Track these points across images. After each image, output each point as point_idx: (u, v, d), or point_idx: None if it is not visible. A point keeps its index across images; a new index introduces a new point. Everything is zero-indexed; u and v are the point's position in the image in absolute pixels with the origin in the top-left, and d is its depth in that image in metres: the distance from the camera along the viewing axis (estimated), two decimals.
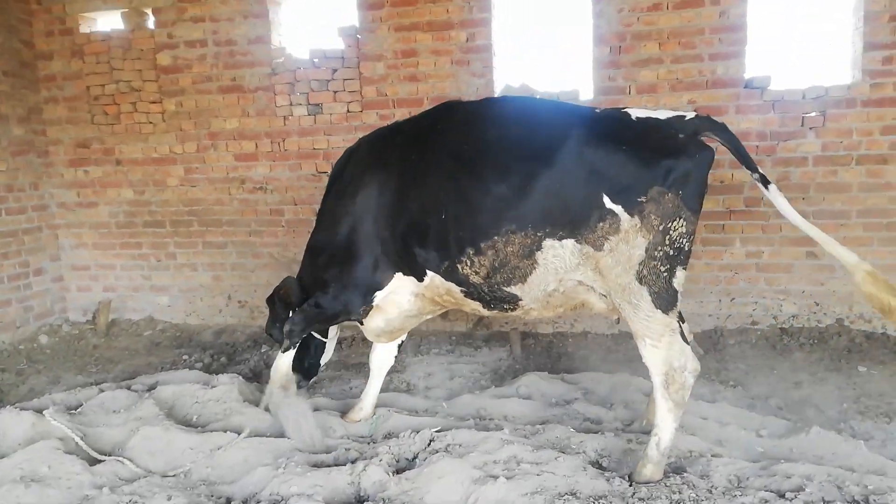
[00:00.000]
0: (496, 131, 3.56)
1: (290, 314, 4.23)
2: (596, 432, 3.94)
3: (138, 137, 6.74)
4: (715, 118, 3.35)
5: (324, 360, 4.71)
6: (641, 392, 4.59)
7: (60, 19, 6.72)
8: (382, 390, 4.51)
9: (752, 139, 5.57)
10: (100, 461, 3.65)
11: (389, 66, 6.12)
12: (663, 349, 3.26)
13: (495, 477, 3.25)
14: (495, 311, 3.80)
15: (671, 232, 3.16)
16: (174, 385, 4.61)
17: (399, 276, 3.92)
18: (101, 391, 4.64)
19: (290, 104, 6.34)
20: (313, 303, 4.09)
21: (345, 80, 6.22)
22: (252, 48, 6.37)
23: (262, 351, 6.11)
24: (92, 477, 3.50)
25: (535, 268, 3.46)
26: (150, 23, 6.59)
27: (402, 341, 4.53)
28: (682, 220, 3.16)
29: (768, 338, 5.78)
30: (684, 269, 3.27)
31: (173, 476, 3.54)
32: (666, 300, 3.23)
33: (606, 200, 3.22)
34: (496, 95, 6.02)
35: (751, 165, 3.25)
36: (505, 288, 3.59)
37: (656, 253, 3.18)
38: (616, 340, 5.99)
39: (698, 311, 5.93)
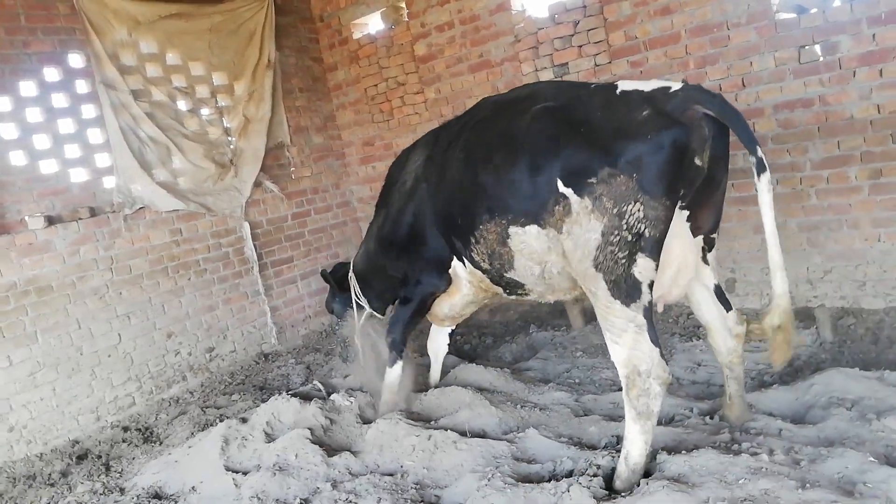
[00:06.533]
0: (491, 127, 3.62)
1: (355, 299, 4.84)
2: None
3: (408, 129, 7.06)
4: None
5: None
6: None
7: (338, 31, 7.38)
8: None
9: None
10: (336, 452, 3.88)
11: (636, 3, 5.22)
12: (626, 347, 3.06)
13: None
14: (515, 295, 3.90)
15: (627, 216, 2.95)
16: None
17: (455, 260, 4.13)
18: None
19: (536, 70, 5.91)
20: (402, 298, 4.47)
21: (588, 30, 5.52)
22: (494, 19, 6.09)
23: (531, 332, 5.90)
24: (327, 469, 3.74)
25: (513, 254, 3.52)
26: (406, 16, 6.79)
27: (454, 328, 4.83)
28: (638, 203, 2.93)
29: None
30: (649, 256, 2.98)
31: (391, 476, 3.57)
32: (624, 290, 3.03)
33: (559, 184, 3.13)
34: (775, 4, 4.69)
35: (750, 145, 2.89)
36: (506, 274, 3.69)
37: (613, 238, 2.99)
38: None
39: None
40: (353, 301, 4.84)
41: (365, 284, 4.83)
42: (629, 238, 2.97)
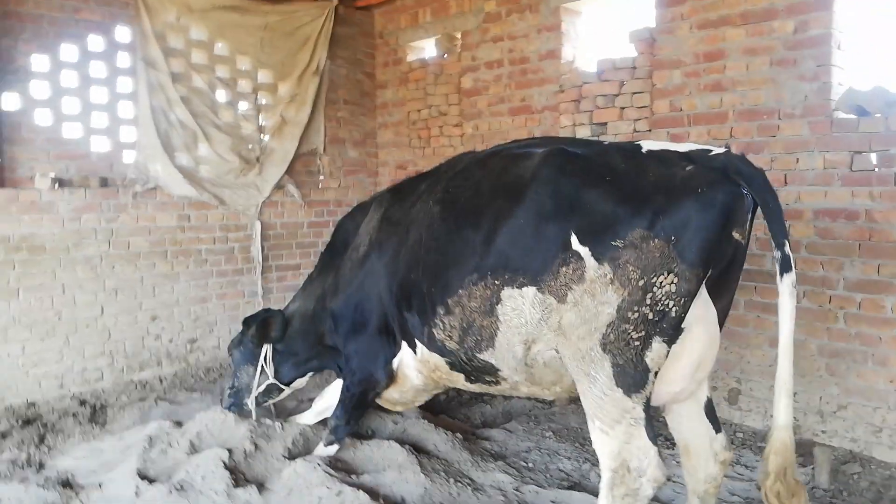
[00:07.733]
0: (482, 174, 3.24)
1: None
2: None
3: (441, 160, 6.81)
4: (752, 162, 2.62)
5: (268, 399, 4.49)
6: None
7: (394, 50, 7.27)
8: None
9: None
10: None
11: (688, 73, 4.84)
12: (616, 440, 2.67)
13: None
14: (479, 385, 3.39)
15: (654, 289, 2.54)
16: None
17: (404, 345, 3.72)
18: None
19: (574, 124, 5.57)
20: (344, 387, 4.04)
21: (633, 93, 5.16)
22: (543, 64, 5.82)
23: (511, 397, 5.48)
24: (226, 501, 3.48)
25: (498, 327, 2.96)
26: (458, 47, 6.61)
27: None
28: (671, 275, 2.52)
29: None
30: (666, 341, 2.59)
31: None
32: (631, 377, 2.62)
33: (574, 240, 2.67)
34: (833, 101, 4.22)
35: (779, 237, 2.53)
36: (479, 355, 3.14)
37: (631, 315, 2.57)
38: None
39: None
40: (259, 364, 4.34)
41: (286, 347, 4.34)
42: (651, 316, 2.56)
